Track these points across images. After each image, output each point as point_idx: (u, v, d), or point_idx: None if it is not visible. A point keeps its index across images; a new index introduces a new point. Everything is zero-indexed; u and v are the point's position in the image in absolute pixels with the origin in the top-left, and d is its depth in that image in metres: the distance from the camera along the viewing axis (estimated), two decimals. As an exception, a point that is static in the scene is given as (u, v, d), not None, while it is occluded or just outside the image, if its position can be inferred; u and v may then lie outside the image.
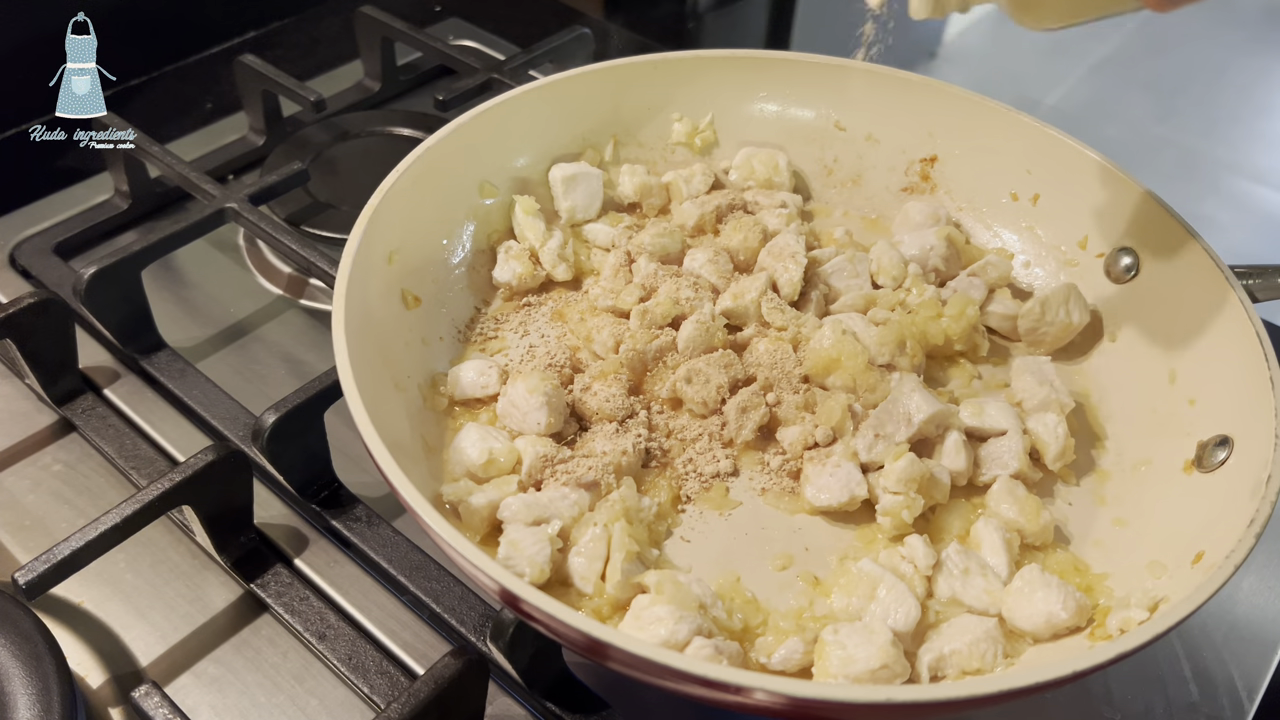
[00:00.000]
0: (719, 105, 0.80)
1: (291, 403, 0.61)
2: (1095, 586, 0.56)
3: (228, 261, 0.85)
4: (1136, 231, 0.67)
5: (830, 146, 0.79)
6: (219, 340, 0.79)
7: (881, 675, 0.50)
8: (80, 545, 0.55)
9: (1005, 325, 0.69)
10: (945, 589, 0.55)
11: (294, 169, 0.82)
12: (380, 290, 0.62)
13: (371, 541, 0.63)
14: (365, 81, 1.03)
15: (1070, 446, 0.61)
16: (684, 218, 0.75)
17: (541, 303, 0.71)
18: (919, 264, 0.71)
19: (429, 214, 0.68)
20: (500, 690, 0.59)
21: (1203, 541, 0.52)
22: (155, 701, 0.49)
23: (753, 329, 0.67)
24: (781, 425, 0.62)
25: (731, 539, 0.59)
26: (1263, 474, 0.51)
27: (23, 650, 0.53)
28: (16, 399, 0.73)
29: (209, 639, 0.61)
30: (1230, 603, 0.66)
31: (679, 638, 0.50)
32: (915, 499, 0.57)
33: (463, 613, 0.60)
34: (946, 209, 0.76)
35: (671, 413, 0.63)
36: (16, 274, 0.81)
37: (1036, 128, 0.72)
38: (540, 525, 0.55)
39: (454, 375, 0.64)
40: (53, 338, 0.70)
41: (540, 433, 0.61)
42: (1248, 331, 0.58)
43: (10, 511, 0.66)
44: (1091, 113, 3.05)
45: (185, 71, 1.08)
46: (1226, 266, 0.61)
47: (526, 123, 0.74)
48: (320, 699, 0.58)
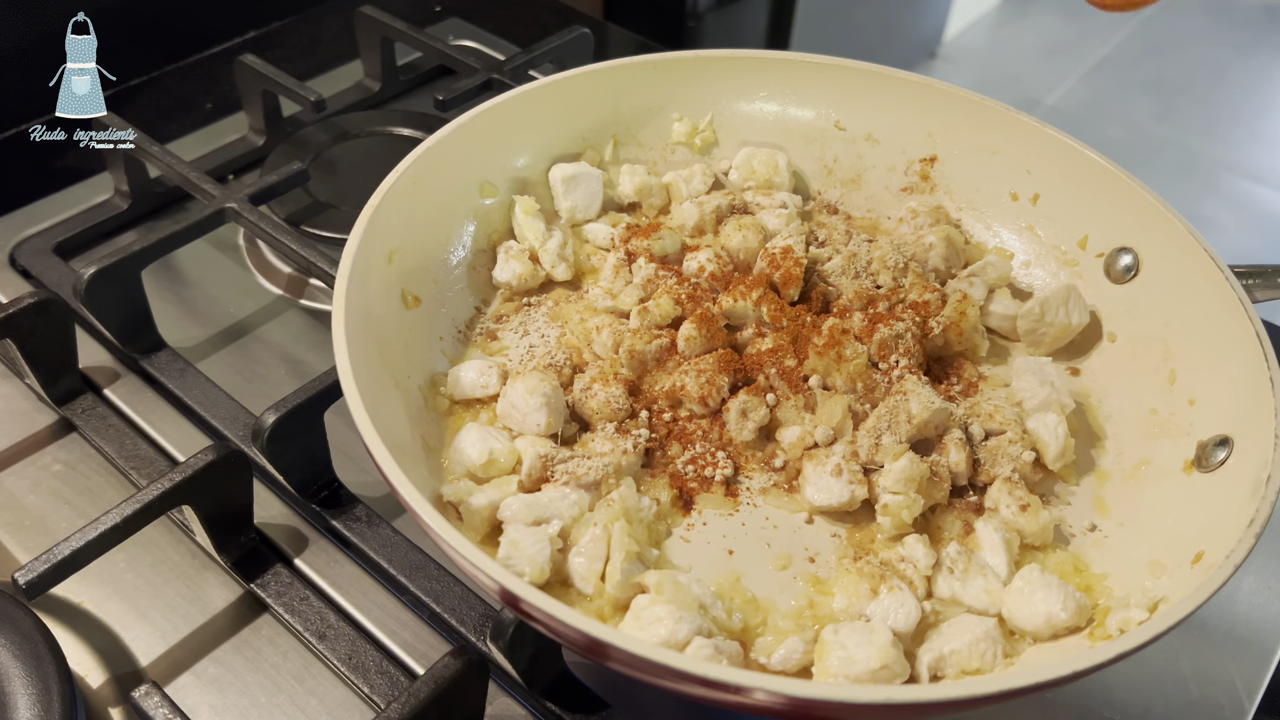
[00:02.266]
0: (719, 105, 0.80)
1: (291, 403, 0.61)
2: (1095, 586, 0.56)
3: (228, 261, 0.85)
4: (1136, 231, 0.67)
5: (830, 146, 0.79)
6: (219, 340, 0.79)
7: (882, 675, 0.50)
8: (80, 545, 0.55)
9: (1005, 325, 0.69)
10: (945, 589, 0.55)
11: (294, 169, 0.82)
12: (380, 290, 0.62)
13: (371, 541, 0.63)
14: (365, 81, 1.03)
15: (1070, 446, 0.61)
16: (684, 218, 0.75)
17: (541, 303, 0.71)
18: (919, 264, 0.71)
19: (429, 214, 0.68)
20: (500, 690, 0.59)
21: (1203, 541, 0.52)
22: (155, 701, 0.49)
23: (752, 329, 0.67)
24: (781, 425, 0.62)
25: (731, 539, 0.59)
26: (1263, 474, 0.51)
27: (23, 650, 0.53)
28: (16, 399, 0.73)
29: (209, 639, 0.61)
30: (1230, 603, 0.66)
31: (679, 638, 0.50)
32: (915, 499, 0.57)
33: (463, 613, 0.60)
34: (946, 209, 0.76)
35: (671, 413, 0.63)
36: (16, 274, 0.81)
37: (1036, 128, 0.72)
38: (540, 525, 0.55)
39: (454, 375, 0.64)
40: (53, 338, 0.70)
41: (540, 433, 0.61)
42: (1248, 331, 0.58)
43: (10, 511, 0.66)
44: (1091, 113, 3.06)
45: (185, 71, 1.08)
46: (1226, 266, 0.61)
47: (526, 123, 0.74)
48: (320, 699, 0.58)
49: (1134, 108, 3.09)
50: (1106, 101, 3.12)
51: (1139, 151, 2.87)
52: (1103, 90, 3.17)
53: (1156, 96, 3.14)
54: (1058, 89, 3.14)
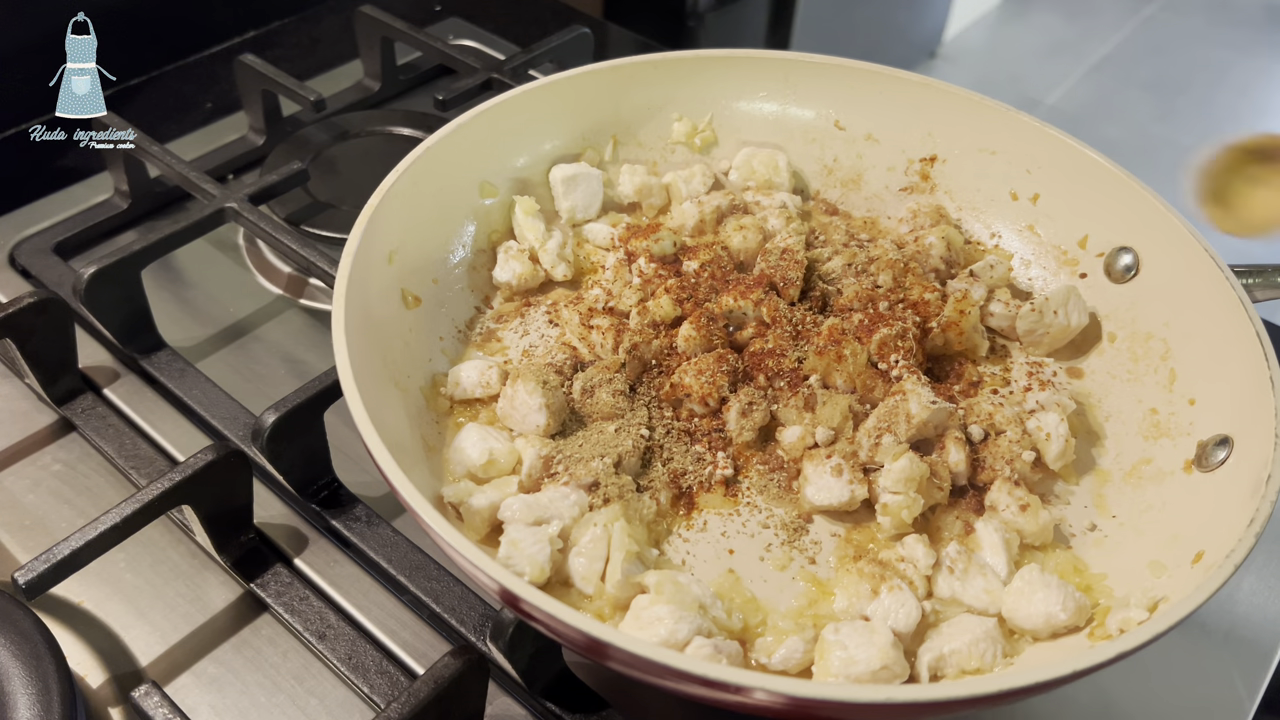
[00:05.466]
0: (719, 105, 0.80)
1: (291, 403, 0.61)
2: (1095, 586, 0.56)
3: (228, 261, 0.85)
4: (1136, 231, 0.67)
5: (830, 146, 0.79)
6: (219, 340, 0.79)
7: (882, 676, 0.50)
8: (80, 545, 0.55)
9: (1005, 325, 0.69)
10: (945, 589, 0.55)
11: (294, 169, 0.82)
12: (380, 290, 0.62)
13: (371, 541, 0.63)
14: (365, 81, 1.03)
15: (1070, 446, 0.61)
16: (684, 218, 0.75)
17: (541, 303, 0.71)
18: (919, 264, 0.71)
19: (429, 214, 0.68)
20: (500, 690, 0.59)
21: (1203, 541, 0.52)
22: (155, 701, 0.49)
23: (752, 329, 0.67)
24: (781, 425, 0.62)
25: (731, 539, 0.59)
26: (1263, 474, 0.51)
27: (23, 650, 0.53)
28: (16, 399, 0.73)
29: (209, 639, 0.61)
30: (1230, 603, 0.66)
31: (679, 637, 0.50)
32: (915, 499, 0.57)
33: (463, 613, 0.60)
34: (946, 209, 0.76)
35: (672, 413, 0.63)
36: (16, 274, 0.81)
37: (1036, 128, 0.72)
38: (541, 525, 0.55)
39: (454, 375, 0.64)
40: (53, 337, 0.70)
41: (540, 433, 0.61)
42: (1248, 331, 0.58)
43: (10, 511, 0.66)
44: (1091, 113, 3.06)
45: (185, 71, 1.08)
46: (1226, 266, 0.61)
47: (526, 123, 0.74)
48: (320, 699, 0.58)
49: (1134, 108, 3.09)
50: (1106, 101, 3.12)
51: (1139, 151, 2.87)
52: (1103, 90, 3.17)
53: (1156, 96, 3.14)
54: (1058, 89, 3.14)
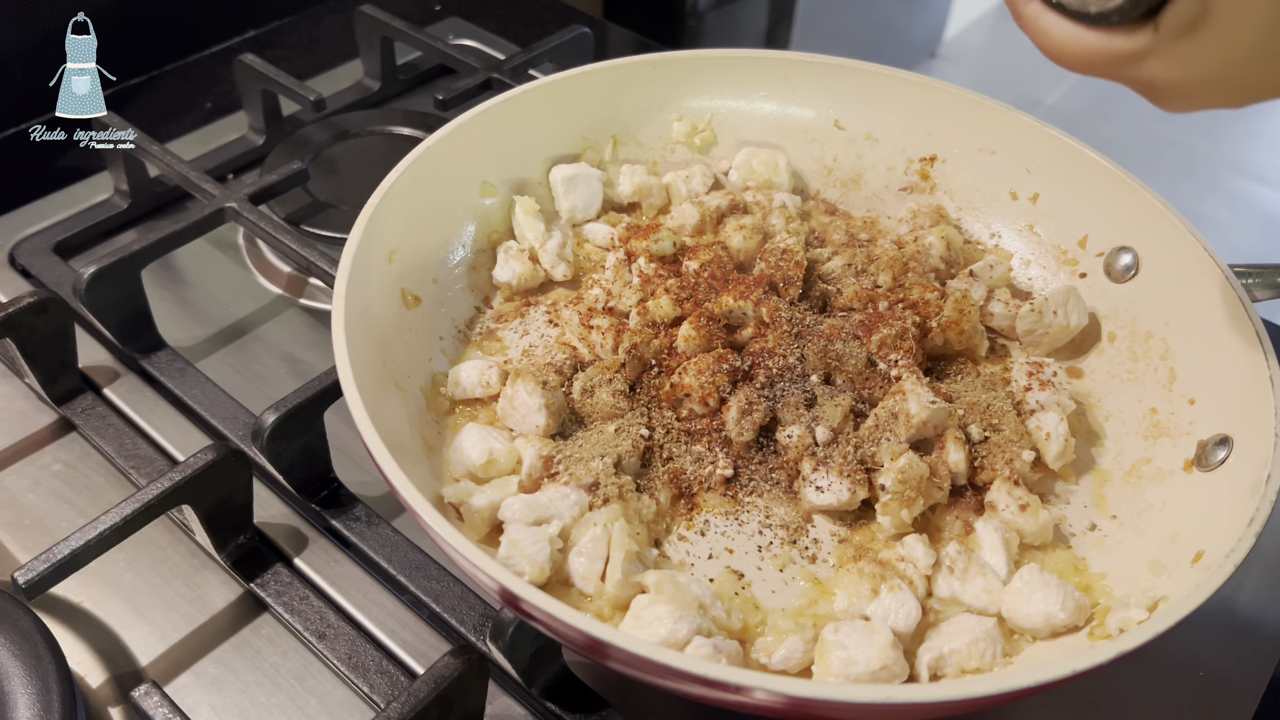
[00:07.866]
0: (719, 105, 0.80)
1: (291, 402, 0.61)
2: (1094, 586, 0.56)
3: (228, 261, 0.85)
4: (1136, 231, 0.67)
5: (830, 146, 0.79)
6: (219, 340, 0.79)
7: (882, 675, 0.50)
8: (80, 545, 0.55)
9: (1005, 325, 0.69)
10: (945, 588, 0.55)
11: (294, 168, 0.82)
12: (380, 290, 0.62)
13: (371, 541, 0.63)
14: (365, 81, 1.03)
15: (1070, 446, 0.61)
16: (684, 218, 0.75)
17: (541, 303, 0.71)
18: (919, 264, 0.71)
19: (429, 214, 0.68)
20: (500, 690, 0.59)
21: (1203, 541, 0.52)
22: (155, 701, 0.49)
23: (752, 329, 0.67)
24: (781, 425, 0.62)
25: (731, 539, 0.59)
26: (1263, 473, 0.51)
27: (23, 650, 0.53)
28: (16, 399, 0.73)
29: (209, 638, 0.61)
30: (1230, 603, 0.66)
31: (679, 637, 0.50)
32: (915, 499, 0.57)
33: (463, 612, 0.60)
34: (946, 208, 0.76)
35: (671, 413, 0.63)
36: (16, 274, 0.81)
37: (1036, 127, 0.72)
38: (541, 525, 0.55)
39: (454, 375, 0.64)
40: (53, 337, 0.69)
41: (540, 433, 0.61)
42: (1248, 331, 0.58)
43: (10, 511, 0.66)
44: (1091, 113, 3.05)
45: (185, 71, 1.08)
46: (1226, 266, 0.61)
47: (526, 123, 0.74)
48: (320, 698, 0.58)
49: (1134, 108, 3.08)
50: (1106, 101, 3.12)
51: (1139, 151, 2.87)
52: (1103, 90, 3.16)
53: (1156, 96, 3.13)
54: (1058, 89, 3.14)
